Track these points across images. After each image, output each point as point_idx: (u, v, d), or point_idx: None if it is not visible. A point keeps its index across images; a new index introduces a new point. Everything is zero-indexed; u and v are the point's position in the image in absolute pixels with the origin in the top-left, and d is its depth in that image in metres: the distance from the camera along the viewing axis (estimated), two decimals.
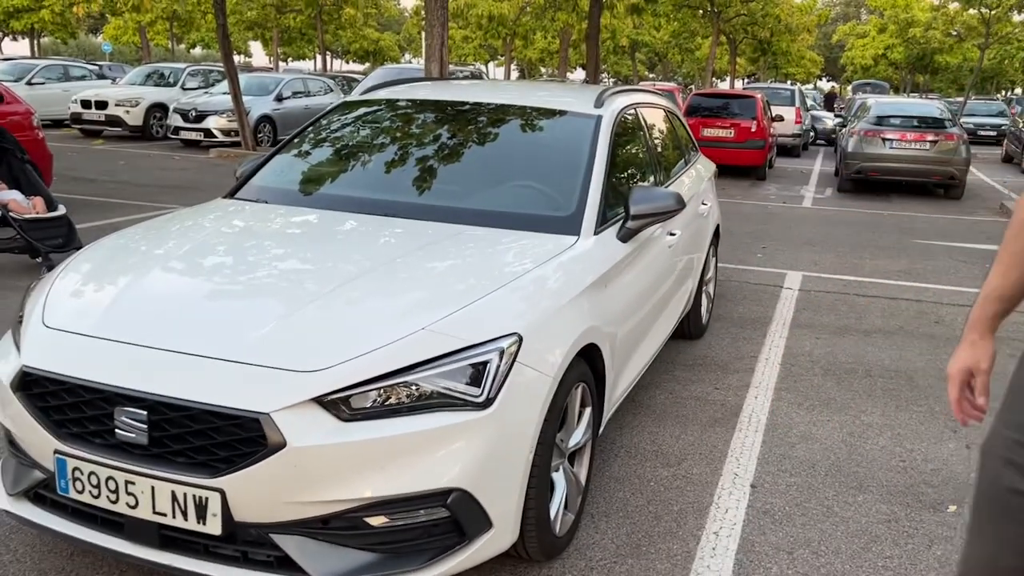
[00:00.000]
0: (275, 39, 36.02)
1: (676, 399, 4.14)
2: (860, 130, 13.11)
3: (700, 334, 5.13)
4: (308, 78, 18.17)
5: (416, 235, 2.91)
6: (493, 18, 24.84)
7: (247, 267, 2.67)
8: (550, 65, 47.97)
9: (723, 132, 14.25)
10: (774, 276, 7.00)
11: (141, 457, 2.16)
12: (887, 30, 40.04)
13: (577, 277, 2.78)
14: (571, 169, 3.29)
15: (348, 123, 3.85)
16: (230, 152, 14.33)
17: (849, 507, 3.14)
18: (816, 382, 4.48)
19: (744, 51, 32.82)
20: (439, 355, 2.23)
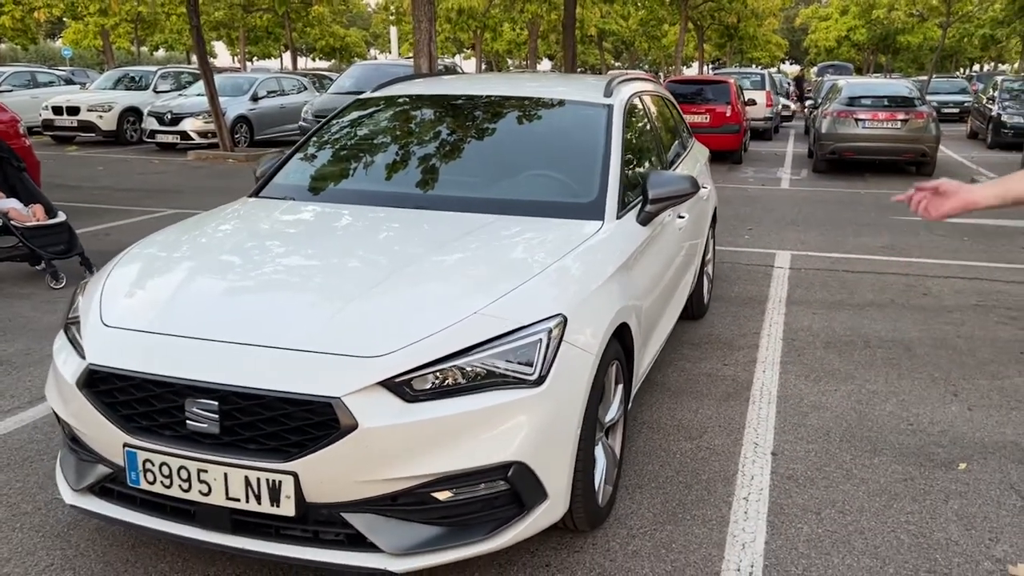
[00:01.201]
0: (242, 39, 35.71)
1: (689, 376, 4.29)
2: (833, 111, 13.37)
3: (703, 314, 5.29)
4: (282, 77, 18.11)
5: (453, 225, 3.01)
6: (463, 11, 24.87)
7: (296, 261, 2.77)
8: (517, 56, 48.03)
9: (699, 118, 14.43)
10: (764, 256, 7.18)
11: (213, 446, 2.25)
12: (849, 12, 40.60)
13: (607, 260, 2.91)
14: (590, 157, 3.41)
15: (367, 120, 3.94)
16: (208, 154, 14.27)
17: (866, 469, 3.31)
18: (819, 355, 4.66)
19: (711, 37, 33.13)
20: (493, 336, 2.34)
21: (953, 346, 4.82)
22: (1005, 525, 2.91)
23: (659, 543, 2.77)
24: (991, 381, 4.27)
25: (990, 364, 4.52)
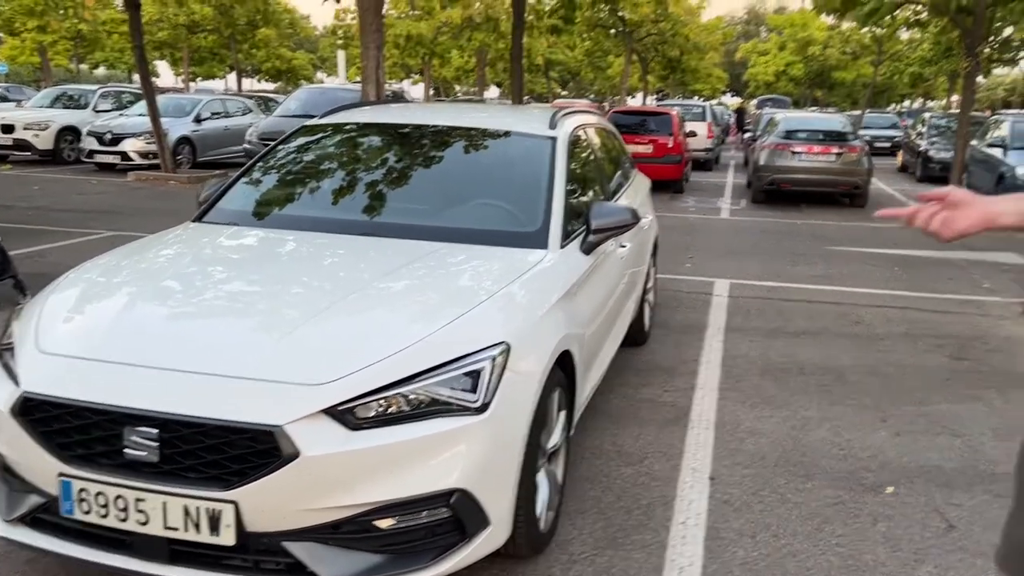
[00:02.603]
0: (185, 59, 35.27)
1: (630, 402, 4.37)
2: (771, 144, 13.79)
3: (644, 340, 5.39)
4: (227, 99, 17.93)
5: (399, 252, 3.04)
6: (411, 38, 25.01)
7: (239, 287, 2.77)
8: (466, 83, 48.39)
9: (642, 148, 14.70)
10: (704, 284, 7.35)
11: (151, 475, 2.22)
12: (787, 48, 42.00)
13: (551, 288, 2.97)
14: (534, 187, 3.48)
15: (314, 146, 3.95)
16: (149, 175, 14.03)
17: (800, 493, 3.41)
18: (755, 381, 4.79)
19: (654, 69, 33.89)
20: (437, 364, 2.37)
21: (883, 373, 5.00)
22: (929, 547, 3.03)
23: (599, 568, 2.81)
24: (918, 407, 4.44)
25: (917, 391, 4.71)
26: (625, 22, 22.71)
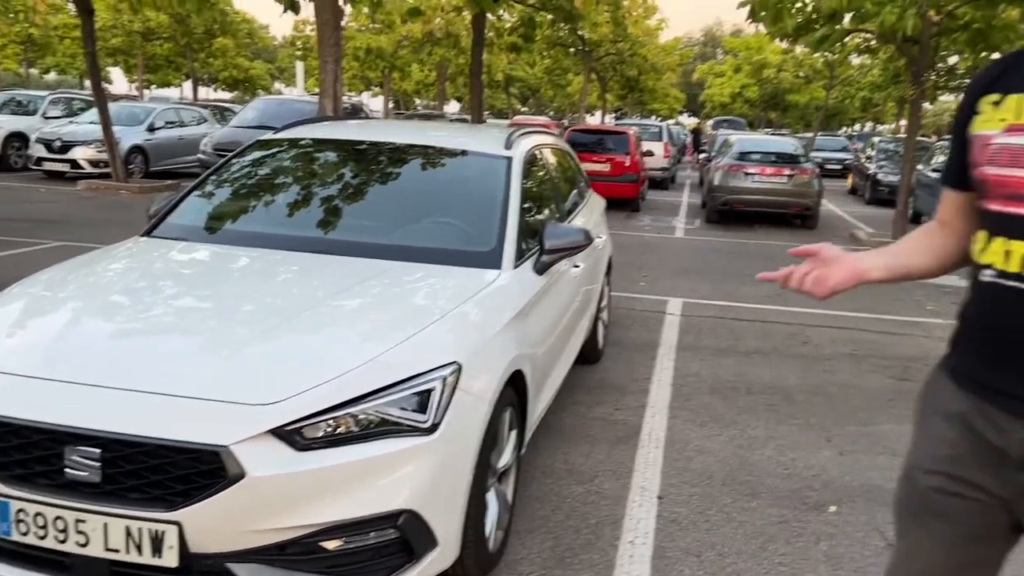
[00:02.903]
0: (140, 66, 34.69)
1: (582, 420, 4.41)
2: (725, 165, 14.05)
3: (597, 359, 5.43)
4: (182, 108, 17.69)
5: (351, 270, 3.04)
6: (371, 51, 24.97)
7: (188, 304, 2.74)
8: (426, 96, 48.42)
9: (599, 166, 14.86)
10: (657, 303, 7.44)
11: (93, 495, 2.19)
12: (742, 70, 42.82)
13: (503, 308, 2.99)
14: (489, 207, 3.51)
15: (269, 161, 3.93)
16: (99, 184, 13.76)
17: (745, 512, 3.47)
18: (705, 400, 4.86)
19: (613, 88, 34.31)
20: (387, 384, 2.37)
21: (828, 393, 5.11)
22: (869, 565, 3.11)
23: None
24: (861, 427, 4.55)
25: (861, 411, 4.82)
26: (584, 41, 22.98)
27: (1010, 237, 1.50)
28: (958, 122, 1.69)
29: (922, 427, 1.74)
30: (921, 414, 1.76)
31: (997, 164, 1.53)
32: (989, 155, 1.55)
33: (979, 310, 1.61)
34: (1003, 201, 1.52)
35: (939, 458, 1.65)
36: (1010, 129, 1.52)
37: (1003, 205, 1.52)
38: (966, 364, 1.64)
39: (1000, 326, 1.54)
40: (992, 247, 1.54)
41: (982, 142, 1.57)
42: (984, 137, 1.57)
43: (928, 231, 1.81)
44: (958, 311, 1.68)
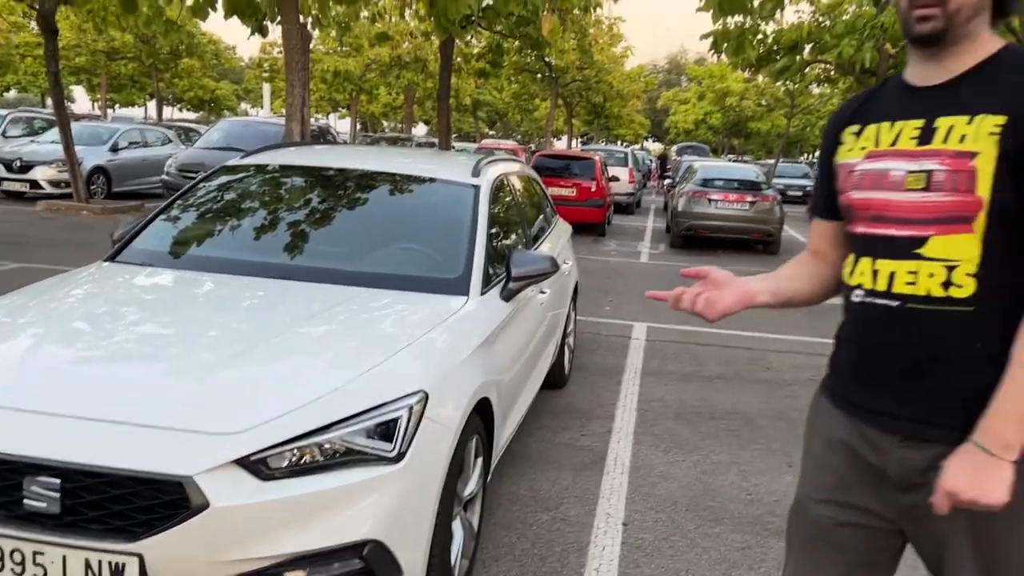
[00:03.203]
0: (103, 85, 34.31)
1: (548, 446, 4.42)
2: (688, 191, 14.26)
3: (563, 384, 5.46)
4: (146, 128, 17.53)
5: (317, 297, 3.04)
6: (339, 73, 25.00)
7: (151, 331, 2.72)
8: (393, 119, 48.50)
9: (565, 191, 15.00)
10: (622, 328, 7.51)
11: (52, 527, 2.15)
12: (706, 97, 43.57)
13: (470, 336, 3.01)
14: (457, 234, 3.53)
15: (235, 187, 3.92)
16: (60, 204, 13.55)
17: (708, 538, 3.50)
18: (669, 425, 4.91)
19: (579, 113, 34.69)
20: (353, 413, 2.37)
21: (789, 418, 5.19)
22: None
23: None
24: None
25: None
26: (551, 68, 23.26)
27: (876, 257, 1.58)
28: (824, 154, 1.80)
29: (808, 454, 1.81)
30: (807, 439, 1.83)
31: (861, 188, 1.63)
32: (854, 181, 1.65)
33: (851, 330, 1.67)
34: (868, 223, 1.61)
35: (827, 487, 1.71)
36: (871, 156, 1.63)
37: (868, 227, 1.61)
38: (842, 385, 1.71)
39: (871, 345, 1.60)
40: (860, 267, 1.62)
41: (847, 170, 1.68)
42: (848, 165, 1.68)
43: (802, 261, 1.90)
44: (835, 333, 1.74)
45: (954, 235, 1.49)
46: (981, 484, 1.42)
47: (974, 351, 1.49)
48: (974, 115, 1.48)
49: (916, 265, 1.52)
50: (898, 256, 1.54)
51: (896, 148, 1.58)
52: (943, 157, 1.50)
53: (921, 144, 1.54)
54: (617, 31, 23.85)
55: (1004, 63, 1.52)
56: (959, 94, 1.52)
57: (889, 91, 1.68)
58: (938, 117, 1.53)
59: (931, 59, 1.57)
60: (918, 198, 1.52)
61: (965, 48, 1.54)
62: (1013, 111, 1.45)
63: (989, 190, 1.45)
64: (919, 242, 1.52)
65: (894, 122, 1.60)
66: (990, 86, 1.50)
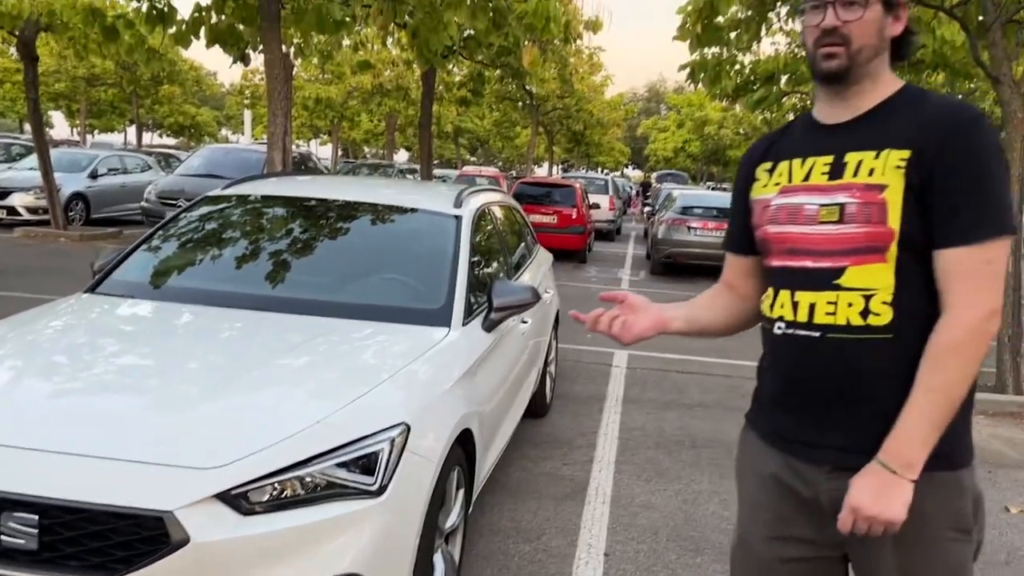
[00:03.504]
0: (83, 111, 34.19)
1: (530, 475, 4.42)
2: (668, 219, 14.39)
3: (545, 412, 5.47)
4: (125, 155, 17.46)
5: (299, 329, 3.04)
6: (320, 100, 25.08)
7: (132, 364, 2.70)
8: (375, 145, 48.62)
9: (547, 218, 15.09)
10: (604, 355, 7.53)
11: (29, 563, 2.13)
12: (684, 126, 44.09)
13: (452, 367, 3.02)
14: (439, 265, 3.55)
15: (216, 217, 3.93)
16: (38, 232, 13.44)
17: (689, 568, 3.51)
18: (650, 454, 4.92)
19: (560, 141, 34.97)
20: (334, 447, 2.37)
21: None
22: None
23: None
24: None
25: None
26: (532, 96, 23.49)
27: (796, 289, 1.63)
28: (738, 191, 1.86)
29: (742, 492, 1.84)
30: (739, 477, 1.86)
31: (777, 223, 1.68)
32: (769, 216, 1.70)
33: (774, 362, 1.71)
34: (785, 256, 1.66)
35: (766, 524, 1.74)
36: (784, 191, 1.69)
37: (786, 260, 1.66)
38: (767, 418, 1.75)
39: (795, 376, 1.64)
40: (780, 300, 1.66)
41: (762, 205, 1.73)
42: (763, 201, 1.73)
43: (717, 292, 1.95)
44: (757, 365, 1.79)
45: (869, 265, 1.55)
46: (882, 502, 1.48)
47: (895, 377, 1.54)
48: (880, 150, 1.56)
49: (835, 296, 1.57)
50: (817, 288, 1.59)
51: (808, 183, 1.65)
52: (854, 190, 1.57)
53: (832, 178, 1.61)
54: (597, 60, 24.15)
55: (904, 101, 1.61)
56: (865, 130, 1.61)
57: (799, 129, 1.76)
58: (847, 152, 1.61)
59: (837, 97, 1.65)
60: (833, 230, 1.58)
61: (868, 87, 1.63)
62: (916, 145, 1.53)
63: (899, 221, 1.52)
64: (836, 273, 1.58)
65: (805, 158, 1.67)
66: (893, 122, 1.58)
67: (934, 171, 1.51)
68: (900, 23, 1.64)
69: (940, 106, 1.57)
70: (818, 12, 1.61)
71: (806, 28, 1.64)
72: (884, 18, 1.61)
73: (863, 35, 1.59)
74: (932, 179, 1.51)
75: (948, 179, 1.50)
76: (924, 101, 1.59)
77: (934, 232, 1.52)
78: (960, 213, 1.50)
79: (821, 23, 1.60)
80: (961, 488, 1.59)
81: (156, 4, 7.51)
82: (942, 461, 1.55)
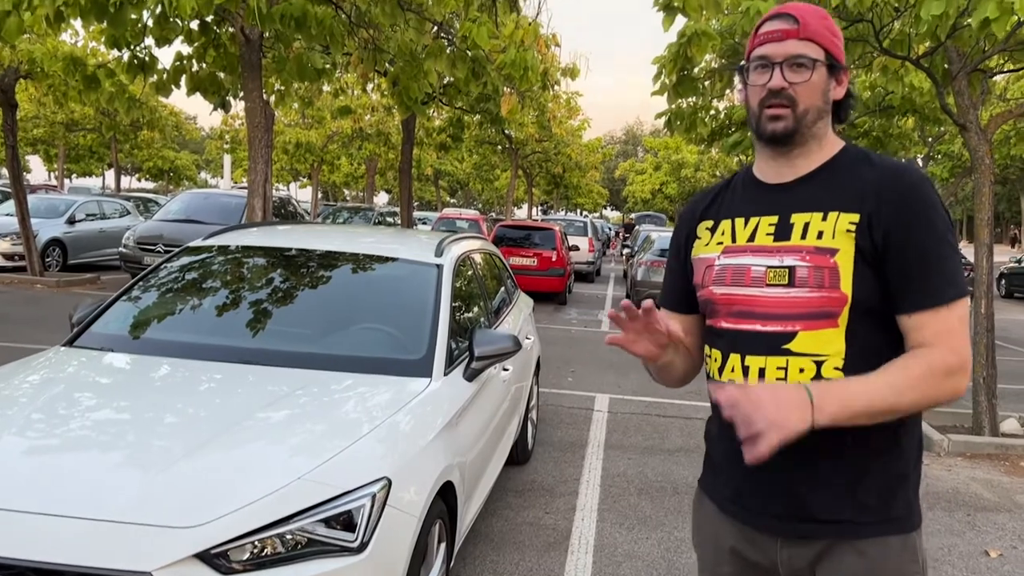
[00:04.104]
0: (61, 156, 34.07)
1: (511, 525, 4.39)
2: (647, 261, 14.53)
3: (527, 459, 5.45)
4: (104, 200, 17.39)
5: (279, 382, 3.03)
6: (301, 145, 25.18)
7: (110, 421, 2.68)
8: (355, 188, 48.75)
9: (527, 261, 15.20)
10: (585, 400, 7.54)
11: None
12: (662, 168, 44.62)
13: (433, 418, 3.02)
14: (420, 315, 3.57)
15: (197, 269, 3.92)
16: (14, 278, 13.31)
17: None
18: (632, 501, 4.91)
19: (539, 183, 35.27)
20: (315, 504, 2.36)
21: None
22: None
23: None
24: None
25: None
26: (512, 140, 23.74)
27: (745, 353, 1.60)
28: (677, 247, 1.82)
29: (702, 561, 1.81)
30: (697, 544, 1.83)
31: (722, 284, 1.65)
32: (713, 276, 1.67)
33: (724, 429, 1.62)
34: (733, 319, 1.62)
35: None
36: (728, 251, 1.66)
37: (734, 323, 1.62)
38: (720, 486, 1.72)
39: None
40: (730, 364, 1.63)
41: (704, 264, 1.70)
42: (706, 260, 1.70)
43: None
44: (705, 429, 1.78)
45: (821, 330, 1.53)
46: (783, 412, 1.39)
47: (844, 443, 1.51)
48: (827, 212, 1.56)
49: (784, 361, 1.55)
50: (767, 352, 1.57)
51: (754, 244, 1.62)
52: (804, 253, 1.55)
53: (778, 240, 1.59)
54: (575, 104, 24.49)
55: (847, 162, 1.61)
56: (810, 191, 1.60)
57: (739, 187, 1.74)
58: (792, 213, 1.59)
59: (781, 157, 1.64)
60: (782, 294, 1.56)
61: (812, 148, 1.63)
62: (865, 209, 1.53)
63: (851, 286, 1.51)
64: (787, 337, 1.55)
65: (748, 218, 1.66)
66: (838, 184, 1.58)
67: (888, 238, 1.51)
68: (842, 87, 1.64)
69: (885, 169, 1.57)
70: (764, 72, 1.60)
71: (751, 87, 1.63)
72: (828, 80, 1.61)
73: (809, 97, 1.58)
74: (887, 246, 1.51)
75: (906, 247, 1.50)
76: (867, 163, 1.60)
77: (897, 298, 1.51)
78: (930, 278, 1.49)
79: (768, 83, 1.59)
80: (914, 551, 1.57)
81: (137, 53, 7.56)
82: (895, 525, 1.55)
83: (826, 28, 1.61)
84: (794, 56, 1.58)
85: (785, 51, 1.58)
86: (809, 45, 1.59)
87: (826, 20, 1.62)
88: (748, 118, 1.66)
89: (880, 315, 1.53)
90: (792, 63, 1.58)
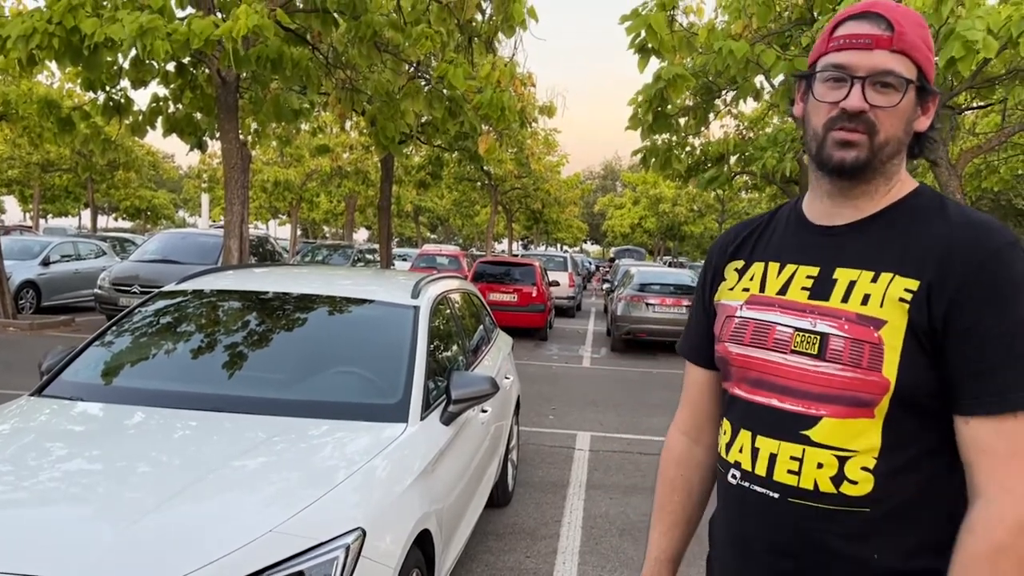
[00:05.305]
0: (36, 196, 33.85)
1: (492, 571, 4.32)
2: (627, 296, 14.58)
3: (507, 502, 5.38)
4: (79, 240, 17.25)
5: (252, 430, 2.98)
6: (279, 183, 25.21)
7: (80, 473, 2.61)
8: (334, 225, 48.75)
9: (507, 297, 15.20)
10: (566, 438, 7.48)
11: None
12: (640, 203, 45.06)
13: (409, 465, 2.98)
14: (396, 358, 3.53)
15: (170, 314, 3.87)
16: None
17: None
18: (614, 543, 4.85)
19: (519, 218, 35.48)
20: (288, 556, 2.30)
21: None
22: None
23: None
24: None
25: None
26: (491, 177, 23.93)
27: (757, 432, 1.33)
28: (702, 288, 1.53)
29: None
30: None
31: (739, 342, 1.37)
32: (731, 330, 1.39)
33: (727, 515, 1.42)
34: (748, 387, 1.35)
35: None
36: (752, 302, 1.37)
37: (748, 392, 1.35)
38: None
39: (747, 537, 1.35)
40: (739, 442, 1.36)
41: (725, 313, 1.42)
42: (727, 307, 1.42)
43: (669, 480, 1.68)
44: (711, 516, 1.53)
45: (851, 419, 1.23)
46: None
47: (869, 564, 1.23)
48: (879, 272, 1.25)
49: (800, 450, 1.26)
50: (781, 436, 1.29)
51: (784, 298, 1.33)
52: (842, 320, 1.25)
53: (814, 297, 1.29)
54: (553, 141, 24.75)
55: (916, 208, 1.29)
56: (864, 241, 1.29)
57: (781, 224, 1.43)
58: (838, 267, 1.29)
59: (840, 194, 1.32)
60: (809, 365, 1.26)
61: (879, 186, 1.30)
62: (927, 277, 1.21)
63: (896, 369, 1.20)
64: (808, 422, 1.26)
65: (784, 264, 1.36)
66: (900, 237, 1.27)
67: (950, 316, 1.18)
68: (928, 117, 1.32)
69: (960, 226, 1.23)
70: (839, 86, 1.27)
71: (815, 102, 1.30)
72: (916, 107, 1.29)
73: (892, 126, 1.26)
74: (948, 327, 1.18)
75: (975, 329, 1.17)
76: (941, 214, 1.26)
77: (955, 393, 1.19)
78: (997, 374, 1.16)
79: (843, 101, 1.26)
80: None
81: (113, 95, 7.56)
82: None
83: (923, 40, 1.28)
84: (882, 72, 1.25)
85: (872, 64, 1.25)
86: (902, 60, 1.25)
87: (924, 30, 1.28)
88: (804, 138, 1.34)
89: (934, 412, 1.22)
90: (878, 80, 1.25)
